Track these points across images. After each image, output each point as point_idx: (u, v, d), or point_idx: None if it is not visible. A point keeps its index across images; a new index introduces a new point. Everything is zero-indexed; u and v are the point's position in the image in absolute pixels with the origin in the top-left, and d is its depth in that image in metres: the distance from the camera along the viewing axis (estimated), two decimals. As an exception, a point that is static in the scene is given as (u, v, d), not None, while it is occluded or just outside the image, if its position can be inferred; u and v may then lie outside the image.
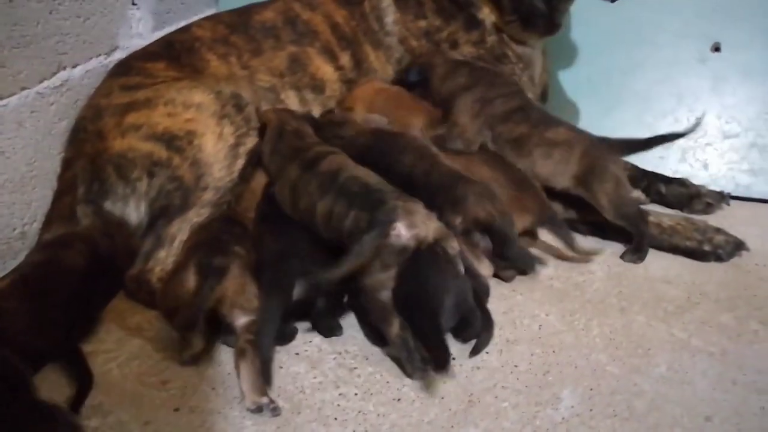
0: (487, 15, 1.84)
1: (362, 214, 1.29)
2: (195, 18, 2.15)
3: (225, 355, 1.30)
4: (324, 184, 1.39)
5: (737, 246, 1.60)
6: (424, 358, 1.22)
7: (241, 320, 1.26)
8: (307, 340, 1.36)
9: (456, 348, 1.32)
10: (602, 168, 1.55)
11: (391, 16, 1.85)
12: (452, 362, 1.29)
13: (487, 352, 1.32)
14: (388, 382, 1.25)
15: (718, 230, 1.62)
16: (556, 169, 1.58)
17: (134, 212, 1.49)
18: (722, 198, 1.83)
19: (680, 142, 2.00)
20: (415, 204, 1.30)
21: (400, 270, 1.24)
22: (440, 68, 1.75)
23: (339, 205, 1.33)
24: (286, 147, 1.54)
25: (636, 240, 1.58)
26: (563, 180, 1.58)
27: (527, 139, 1.61)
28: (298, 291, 1.30)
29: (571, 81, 2.09)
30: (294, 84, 1.80)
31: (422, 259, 1.24)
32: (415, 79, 1.77)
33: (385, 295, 1.24)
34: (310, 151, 1.49)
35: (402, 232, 1.24)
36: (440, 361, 1.20)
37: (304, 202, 1.41)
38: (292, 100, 1.79)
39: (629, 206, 1.57)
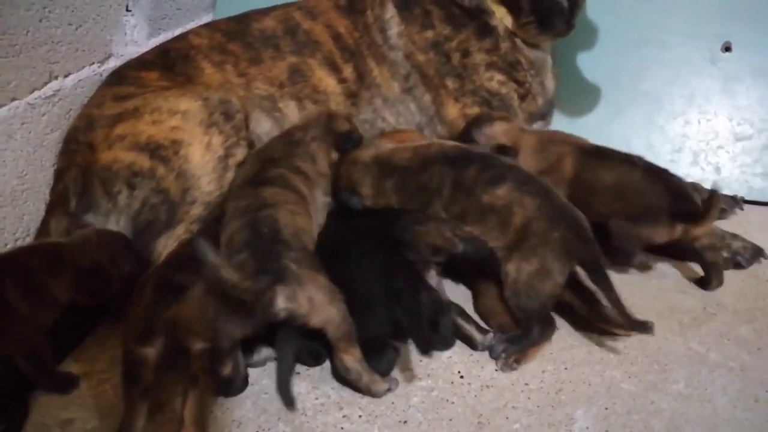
0: (500, 21, 1.76)
1: (251, 261, 1.17)
2: (192, 24, 2.12)
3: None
4: (248, 208, 1.28)
5: (756, 252, 1.55)
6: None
7: (196, 346, 1.14)
8: (308, 359, 1.30)
9: (464, 365, 1.27)
10: (533, 248, 1.30)
11: (395, 29, 1.76)
12: (461, 381, 1.25)
13: (496, 370, 1.27)
14: (393, 402, 1.20)
15: (735, 236, 1.57)
16: (489, 236, 1.35)
17: (114, 226, 1.41)
18: (735, 203, 1.78)
19: (691, 144, 1.96)
20: (314, 275, 1.17)
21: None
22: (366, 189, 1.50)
23: (240, 234, 1.23)
24: (270, 149, 1.47)
25: (522, 333, 1.30)
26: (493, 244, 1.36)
27: (467, 210, 1.40)
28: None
29: (579, 83, 2.03)
30: (294, 94, 1.72)
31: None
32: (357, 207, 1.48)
33: (226, 344, 1.15)
34: (272, 171, 1.37)
35: (278, 302, 1.12)
36: None
37: (227, 215, 1.31)
38: (291, 110, 1.72)
39: (532, 299, 1.28)
